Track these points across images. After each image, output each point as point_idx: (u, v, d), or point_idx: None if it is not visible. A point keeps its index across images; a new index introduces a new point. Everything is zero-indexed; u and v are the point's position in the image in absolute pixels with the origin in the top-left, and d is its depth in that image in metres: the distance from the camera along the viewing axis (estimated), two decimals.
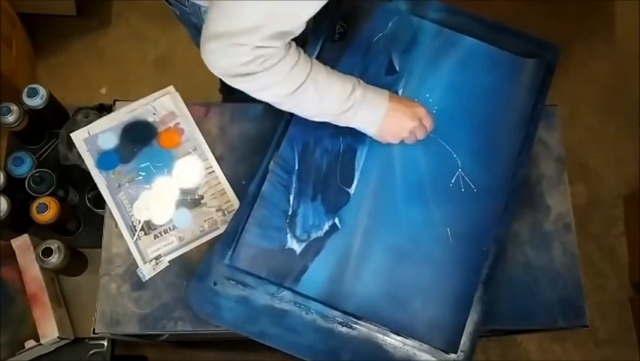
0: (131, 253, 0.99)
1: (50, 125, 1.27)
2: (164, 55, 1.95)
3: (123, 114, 1.06)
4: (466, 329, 0.92)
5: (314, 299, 0.91)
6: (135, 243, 0.99)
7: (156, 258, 0.98)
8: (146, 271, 0.98)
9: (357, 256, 0.93)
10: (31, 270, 1.14)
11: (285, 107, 0.88)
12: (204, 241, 1.00)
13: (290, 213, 0.94)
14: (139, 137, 1.05)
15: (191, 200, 1.02)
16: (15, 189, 1.17)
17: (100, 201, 1.04)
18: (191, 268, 0.98)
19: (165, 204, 1.01)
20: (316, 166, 0.97)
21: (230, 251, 0.92)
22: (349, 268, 0.93)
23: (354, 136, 0.98)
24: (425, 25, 1.06)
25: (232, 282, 0.91)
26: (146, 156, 1.04)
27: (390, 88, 0.98)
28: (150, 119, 1.06)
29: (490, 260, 0.95)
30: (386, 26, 1.05)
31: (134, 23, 1.99)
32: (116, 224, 1.00)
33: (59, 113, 1.25)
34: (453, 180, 0.99)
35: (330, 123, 0.93)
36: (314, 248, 0.93)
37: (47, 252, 1.08)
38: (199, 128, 1.06)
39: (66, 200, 1.23)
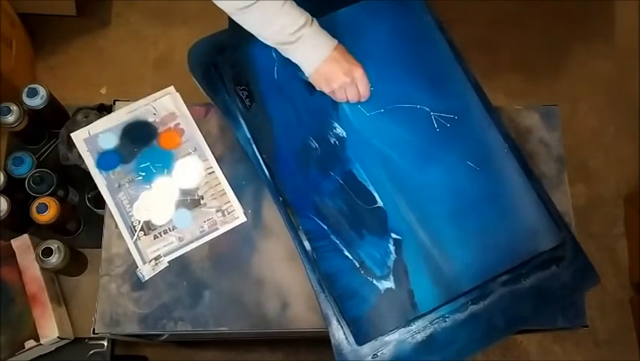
0: (131, 254, 0.99)
1: (50, 125, 1.27)
2: (164, 55, 1.95)
3: (123, 114, 1.06)
4: (553, 216, 0.97)
5: (439, 307, 0.92)
6: (135, 243, 0.99)
7: (156, 258, 0.98)
8: (146, 272, 0.98)
9: (434, 245, 0.95)
10: (31, 270, 1.14)
11: (234, 18, 0.90)
12: (204, 241, 1.00)
13: (357, 265, 0.94)
14: (139, 137, 1.05)
15: (190, 200, 1.02)
16: (15, 189, 1.17)
17: (100, 201, 1.04)
18: (191, 269, 0.98)
19: (165, 205, 1.01)
20: (338, 211, 0.96)
21: (350, 337, 0.90)
22: (438, 259, 0.94)
23: (340, 163, 0.99)
24: None
25: (376, 356, 0.91)
26: (146, 157, 1.04)
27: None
28: (150, 120, 1.06)
29: (516, 156, 1.00)
30: (272, 58, 1.02)
31: (134, 23, 1.99)
32: (116, 224, 1.00)
33: (59, 113, 1.26)
34: (436, 125, 1.01)
35: (312, 169, 0.97)
36: (400, 271, 0.93)
37: (47, 252, 1.08)
38: (199, 129, 1.06)
39: (66, 200, 1.23)
